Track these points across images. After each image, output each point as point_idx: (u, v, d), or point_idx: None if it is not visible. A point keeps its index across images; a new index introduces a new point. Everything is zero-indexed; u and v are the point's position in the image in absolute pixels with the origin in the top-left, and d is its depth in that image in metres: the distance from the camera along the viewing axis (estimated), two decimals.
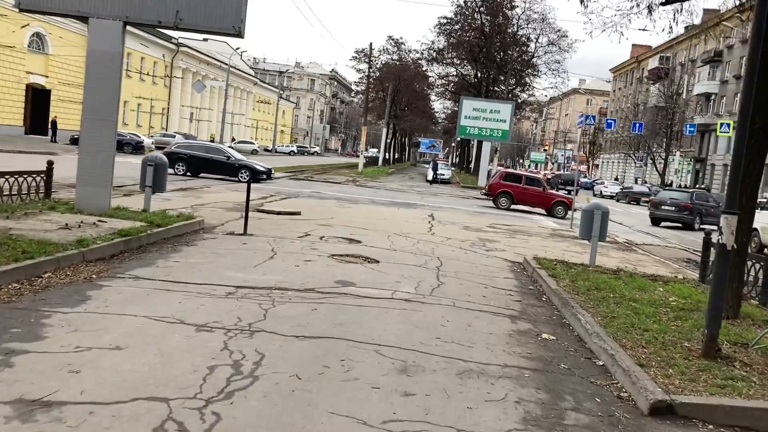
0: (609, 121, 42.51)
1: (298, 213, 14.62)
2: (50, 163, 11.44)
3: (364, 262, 8.90)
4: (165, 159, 11.33)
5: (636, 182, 62.99)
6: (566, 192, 60.35)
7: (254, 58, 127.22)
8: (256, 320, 5.57)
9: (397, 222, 15.22)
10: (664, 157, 56.56)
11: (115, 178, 11.08)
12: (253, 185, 24.39)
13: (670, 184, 51.80)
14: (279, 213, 14.23)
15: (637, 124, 46.54)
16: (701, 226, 23.53)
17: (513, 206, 25.53)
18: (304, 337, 5.25)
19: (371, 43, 49.98)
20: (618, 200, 46.95)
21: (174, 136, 55.17)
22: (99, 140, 10.45)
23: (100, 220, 9.33)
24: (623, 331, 6.25)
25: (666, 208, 26.09)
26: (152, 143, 47.49)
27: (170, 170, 24.91)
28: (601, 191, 54.97)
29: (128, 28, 10.88)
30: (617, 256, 13.39)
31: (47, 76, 46.70)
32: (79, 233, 8.08)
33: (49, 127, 43.09)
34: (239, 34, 9.97)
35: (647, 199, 36.54)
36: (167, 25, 10.19)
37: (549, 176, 68.14)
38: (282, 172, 35.97)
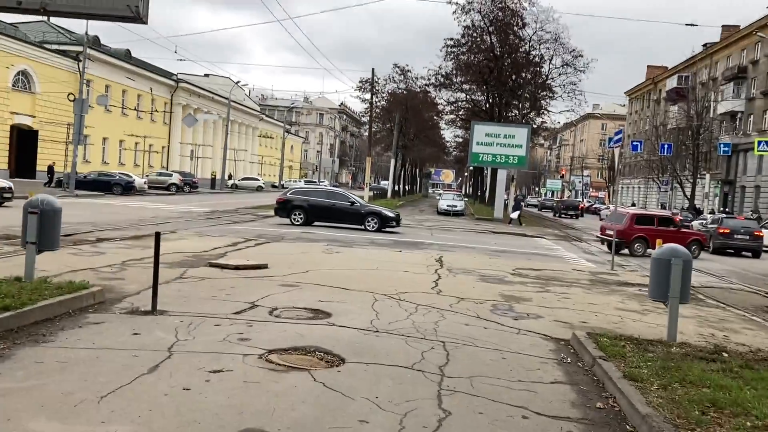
0: (635, 143, 39.08)
1: (264, 266, 11.21)
2: None
3: (317, 366, 5.37)
4: (56, 204, 8.00)
5: (662, 208, 59.01)
6: (570, 216, 59.09)
7: (262, 95, 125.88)
8: None
9: (394, 273, 11.74)
10: (692, 181, 52.75)
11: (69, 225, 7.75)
12: (232, 227, 21.24)
13: (700, 210, 47.96)
14: (237, 268, 10.83)
15: (665, 146, 42.88)
16: None
17: None
18: None
19: (373, 69, 47.13)
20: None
21: (171, 175, 52.36)
22: None
23: None
24: None
25: (740, 237, 25.47)
26: (144, 183, 44.64)
27: (286, 220, 22.69)
28: (606, 215, 55.34)
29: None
30: (687, 312, 9.80)
31: (34, 116, 44.19)
32: None
33: (47, 172, 40.36)
34: (139, 17, 6.75)
35: None
36: (31, 7, 6.97)
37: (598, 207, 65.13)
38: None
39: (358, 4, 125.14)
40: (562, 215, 56.06)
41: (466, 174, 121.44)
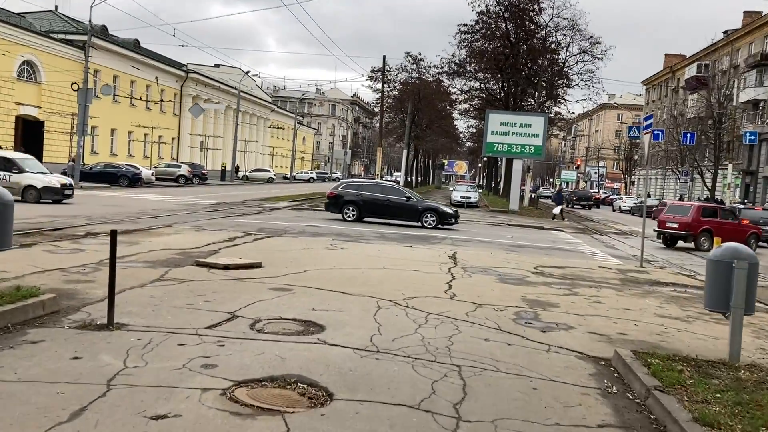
0: (656, 132, 37.48)
1: (257, 265, 10.04)
2: None
3: (295, 407, 4.09)
4: (6, 197, 6.86)
5: (681, 199, 57.24)
6: (584, 207, 59.05)
7: (274, 86, 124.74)
8: None
9: (403, 272, 10.53)
10: (712, 171, 50.89)
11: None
12: (234, 220, 20.12)
13: (721, 202, 46.17)
14: (226, 267, 9.66)
15: (687, 135, 41.21)
16: None
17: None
18: None
19: (384, 56, 45.80)
20: (633, 214, 48.39)
21: (179, 167, 51.41)
22: None
23: None
24: None
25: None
26: (152, 175, 43.72)
27: (338, 215, 21.77)
28: (620, 206, 57.76)
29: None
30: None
31: (40, 107, 43.29)
32: None
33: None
34: None
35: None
36: None
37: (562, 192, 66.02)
38: (287, 202, 31.71)
39: None
40: (575, 206, 56.22)
41: (479, 165, 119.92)
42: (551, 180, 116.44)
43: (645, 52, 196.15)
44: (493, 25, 43.40)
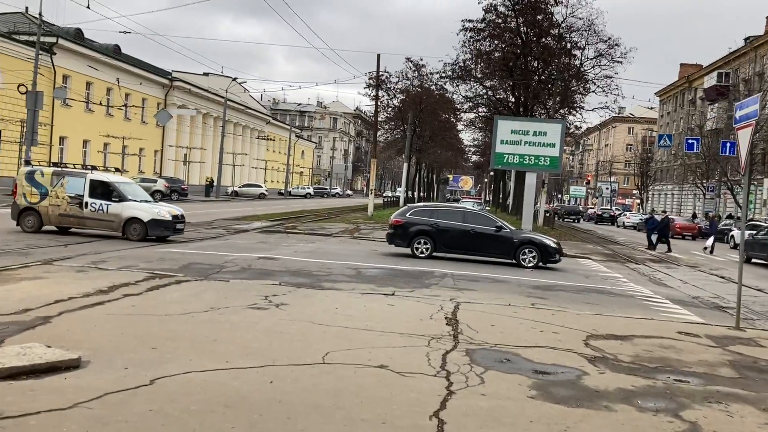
0: (689, 140, 32.77)
1: (72, 364, 5.21)
2: None
3: None
4: None
5: (706, 217, 52.00)
6: (573, 221, 59.00)
7: (273, 99, 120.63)
8: None
9: (358, 372, 5.69)
10: (744, 186, 45.79)
11: None
12: (164, 250, 15.06)
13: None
14: (11, 375, 4.83)
15: (727, 144, 36.27)
16: None
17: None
18: None
19: (379, 56, 41.43)
20: (639, 230, 45.73)
21: (155, 181, 46.70)
22: None
23: None
24: None
25: None
26: None
27: (405, 249, 17.14)
28: (623, 222, 56.72)
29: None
30: None
31: None
32: None
33: None
34: None
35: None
36: None
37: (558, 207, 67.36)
38: (262, 222, 27.00)
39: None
40: (564, 219, 58.16)
41: (485, 180, 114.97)
42: (559, 196, 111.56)
43: (657, 65, 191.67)
44: (501, 22, 38.69)
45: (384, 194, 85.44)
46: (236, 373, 5.35)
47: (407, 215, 17.93)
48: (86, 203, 16.53)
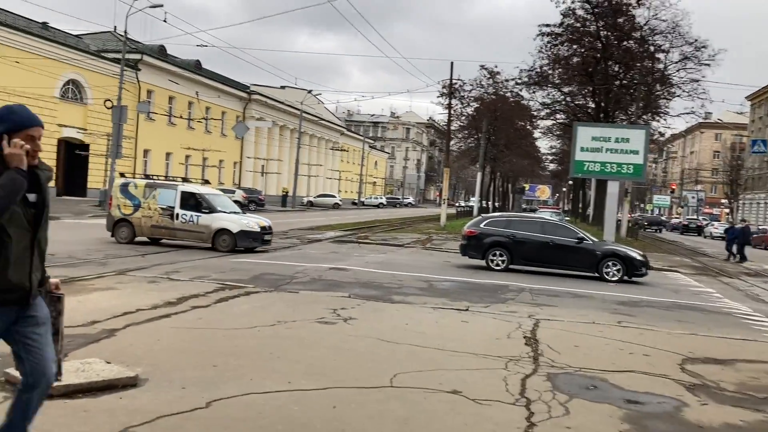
0: None
1: (130, 383, 5.01)
2: None
3: None
4: None
5: None
6: (655, 231, 57.31)
7: (348, 110, 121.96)
8: None
9: (428, 399, 5.25)
10: None
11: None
12: (238, 260, 15.04)
13: None
14: (68, 394, 4.66)
15: None
16: None
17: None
18: None
19: (452, 63, 40.88)
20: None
21: (233, 192, 47.81)
22: None
23: None
24: None
25: None
26: None
27: (479, 261, 16.57)
28: (711, 233, 53.73)
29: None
30: None
31: (85, 129, 40.65)
32: None
33: None
34: None
35: None
36: None
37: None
38: (335, 231, 26.99)
39: None
40: (645, 230, 56.08)
41: (564, 189, 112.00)
42: (641, 206, 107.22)
43: (748, 67, 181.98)
44: (580, 26, 37.42)
45: (457, 204, 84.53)
46: (298, 396, 4.99)
47: (481, 226, 17.28)
48: (177, 215, 16.63)
